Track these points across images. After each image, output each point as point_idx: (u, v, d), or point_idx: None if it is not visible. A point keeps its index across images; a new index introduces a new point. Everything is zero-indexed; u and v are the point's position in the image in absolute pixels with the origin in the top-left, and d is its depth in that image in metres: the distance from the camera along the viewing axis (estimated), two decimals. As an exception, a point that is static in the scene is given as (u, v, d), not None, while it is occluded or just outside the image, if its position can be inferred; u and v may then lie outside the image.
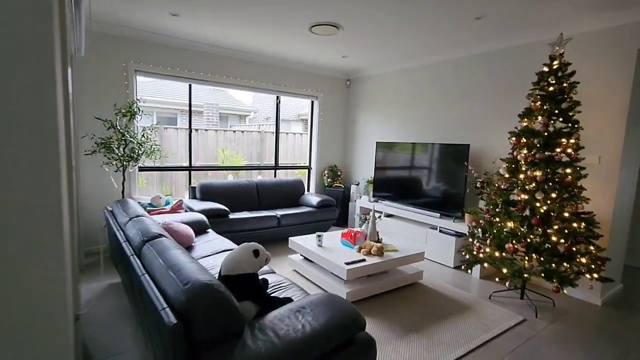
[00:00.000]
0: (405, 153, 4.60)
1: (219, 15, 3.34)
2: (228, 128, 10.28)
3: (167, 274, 1.48)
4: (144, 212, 2.62)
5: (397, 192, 4.65)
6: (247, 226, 4.09)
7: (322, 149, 5.75)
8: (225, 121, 12.24)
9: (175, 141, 8.30)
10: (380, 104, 5.28)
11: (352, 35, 3.74)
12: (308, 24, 3.42)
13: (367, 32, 3.61)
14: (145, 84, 10.98)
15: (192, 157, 4.80)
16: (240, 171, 8.74)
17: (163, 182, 8.02)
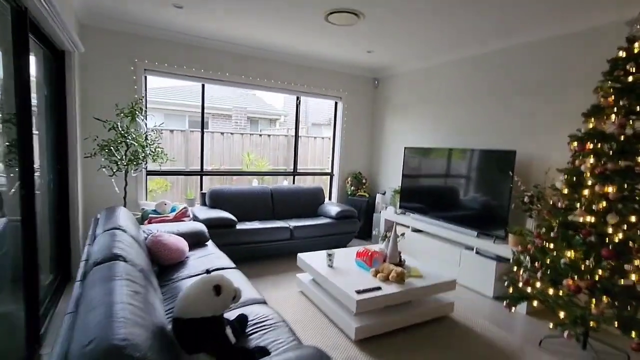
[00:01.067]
0: (437, 160, 4.01)
1: (224, 7, 3.02)
2: (255, 132, 10.09)
3: (83, 318, 1.11)
4: (128, 223, 2.32)
5: (427, 204, 4.07)
6: (256, 238, 3.72)
7: (345, 154, 5.28)
8: (256, 125, 12.16)
9: (199, 144, 8.25)
10: (409, 105, 4.73)
11: (374, 25, 3.26)
12: (324, 11, 3.00)
13: (392, 21, 3.12)
14: (177, 89, 11.19)
15: (204, 160, 4.54)
16: (266, 176, 8.52)
17: (188, 185, 7.97)
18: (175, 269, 2.51)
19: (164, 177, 7.60)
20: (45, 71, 2.86)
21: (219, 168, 8.40)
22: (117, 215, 2.40)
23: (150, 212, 3.63)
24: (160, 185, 7.56)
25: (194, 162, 8.16)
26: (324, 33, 3.56)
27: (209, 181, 8.00)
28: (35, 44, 2.56)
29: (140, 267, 1.71)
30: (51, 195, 2.99)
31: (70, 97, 2.99)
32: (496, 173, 3.32)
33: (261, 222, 3.95)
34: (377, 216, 4.83)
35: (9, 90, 1.91)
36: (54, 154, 2.96)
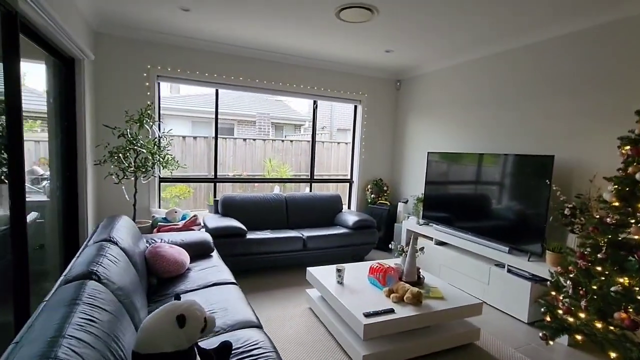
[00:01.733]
0: (464, 165, 3.66)
1: (229, 9, 2.90)
2: (277, 138, 10.04)
3: (18, 354, 0.95)
4: (123, 234, 2.21)
5: (453, 213, 3.71)
6: (266, 248, 3.54)
7: (365, 160, 5.02)
8: (281, 131, 12.14)
9: (223, 151, 8.28)
10: (434, 107, 4.40)
11: (390, 22, 3.02)
12: (334, 7, 2.80)
13: (409, 17, 2.86)
14: (204, 96, 11.41)
15: (226, 167, 4.40)
16: (288, 183, 8.40)
17: (210, 192, 7.99)
18: (173, 282, 2.37)
19: (187, 184, 7.70)
20: (55, 78, 2.87)
21: (241, 174, 8.40)
22: (114, 226, 2.30)
23: (160, 220, 3.56)
24: (183, 192, 7.64)
25: (218, 168, 8.21)
26: (336, 32, 3.35)
27: (230, 188, 8.01)
28: (43, 52, 2.56)
29: (117, 285, 1.56)
30: (59, 202, 2.98)
31: (79, 104, 2.98)
32: (531, 181, 2.94)
33: (273, 232, 3.77)
34: (398, 226, 4.51)
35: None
36: (63, 161, 2.95)
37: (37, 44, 2.42)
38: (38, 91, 2.94)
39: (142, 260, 2.34)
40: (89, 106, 3.22)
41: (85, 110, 3.03)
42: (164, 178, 4.03)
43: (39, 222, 2.98)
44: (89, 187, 3.19)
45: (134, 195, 3.37)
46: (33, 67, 2.82)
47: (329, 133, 10.50)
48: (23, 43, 2.30)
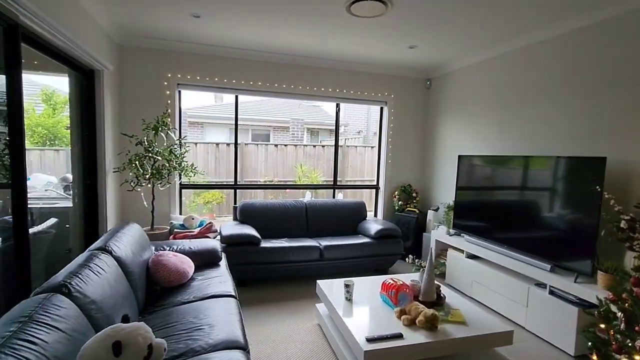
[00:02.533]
0: (499, 170, 3.26)
1: (238, 12, 2.84)
2: (309, 143, 9.96)
3: None
4: (122, 243, 2.19)
5: (487, 223, 3.31)
6: (280, 257, 3.40)
7: (393, 164, 4.72)
8: (316, 136, 12.10)
9: (254, 157, 8.37)
10: (467, 106, 4.01)
11: (408, 15, 2.76)
12: (344, 1, 2.62)
13: (427, 8, 2.59)
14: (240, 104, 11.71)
15: (237, 173, 4.37)
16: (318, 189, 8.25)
17: (242, 198, 8.09)
18: (173, 293, 2.31)
19: (220, 190, 7.86)
20: (76, 89, 2.99)
21: (273, 180, 8.41)
22: (117, 233, 2.29)
23: (177, 226, 3.58)
24: (216, 197, 7.82)
25: (249, 174, 8.31)
26: (353, 29, 3.16)
27: (262, 194, 8.04)
28: (60, 65, 2.66)
29: (91, 299, 1.50)
30: (80, 209, 3.09)
31: (99, 114, 3.08)
32: (579, 187, 2.51)
33: (289, 240, 3.63)
34: (427, 236, 4.15)
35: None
36: (83, 169, 3.06)
37: (54, 58, 2.53)
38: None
39: (143, 269, 2.31)
40: (111, 115, 3.33)
41: (105, 120, 3.12)
42: (185, 184, 4.07)
43: (65, 227, 3.12)
44: (110, 194, 3.29)
45: (151, 202, 3.41)
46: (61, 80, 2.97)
47: (362, 137, 10.22)
48: (42, 58, 2.43)
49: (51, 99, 5.01)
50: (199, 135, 10.62)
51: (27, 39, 2.13)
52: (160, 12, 2.93)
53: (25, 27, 1.98)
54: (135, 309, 1.96)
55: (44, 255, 2.75)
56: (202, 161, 7.79)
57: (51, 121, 4.77)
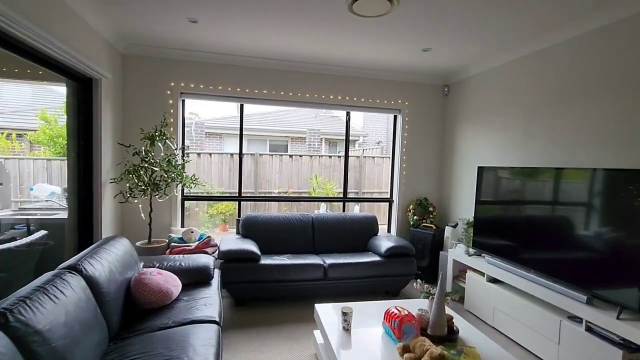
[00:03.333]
0: (524, 182, 2.90)
1: (236, 16, 2.70)
2: (324, 154, 9.75)
3: None
4: (99, 261, 2.03)
5: (510, 242, 2.93)
6: (281, 276, 3.16)
7: (407, 176, 4.41)
8: (335, 147, 11.92)
9: (269, 168, 8.24)
10: (488, 113, 3.66)
11: (417, 12, 2.52)
12: (345, 0, 2.41)
13: (439, 5, 2.34)
14: (259, 115, 11.74)
15: (242, 185, 4.19)
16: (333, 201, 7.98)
17: (257, 209, 7.96)
18: (153, 316, 2.12)
19: (253, 201, 7.76)
20: (73, 98, 2.93)
21: (287, 192, 8.23)
22: (97, 249, 2.15)
23: (176, 240, 3.43)
24: (229, 208, 7.71)
25: (264, 184, 8.18)
26: (357, 31, 2.94)
27: (276, 207, 7.87)
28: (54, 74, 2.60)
29: (36, 329, 1.31)
30: (74, 221, 2.99)
31: (96, 123, 3.00)
32: (620, 202, 2.13)
33: (292, 257, 3.39)
34: (444, 255, 3.79)
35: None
36: (78, 180, 2.97)
37: (47, 67, 2.47)
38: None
39: (123, 289, 2.13)
40: (111, 125, 3.26)
41: (102, 129, 3.04)
42: (187, 196, 3.94)
43: (59, 240, 3.03)
44: (108, 206, 3.19)
45: (149, 214, 3.29)
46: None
47: (380, 148, 9.90)
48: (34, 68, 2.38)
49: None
50: (217, 146, 10.68)
51: (13, 47, 2.07)
52: (157, 18, 2.84)
53: (10, 34, 1.91)
54: (104, 335, 1.78)
55: (32, 270, 2.65)
56: (217, 172, 7.74)
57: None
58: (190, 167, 7.52)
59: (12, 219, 3.12)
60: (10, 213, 3.37)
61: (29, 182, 4.18)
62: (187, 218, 7.57)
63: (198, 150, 8.88)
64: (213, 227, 7.49)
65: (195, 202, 7.58)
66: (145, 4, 2.60)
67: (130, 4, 2.62)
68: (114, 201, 3.31)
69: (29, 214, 3.41)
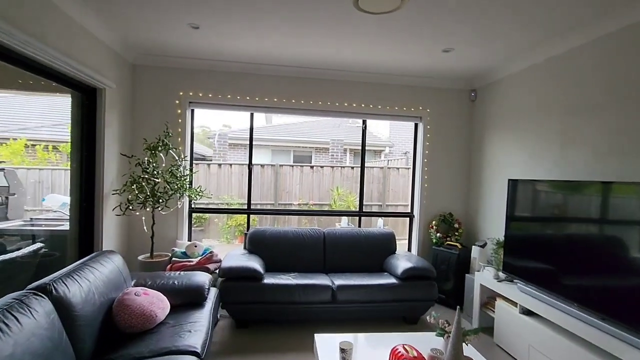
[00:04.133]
0: (564, 197, 2.47)
1: (239, 22, 2.55)
2: (346, 164, 9.46)
3: None
4: (76, 282, 1.89)
5: (547, 266, 2.50)
6: (284, 297, 2.90)
7: (430, 189, 4.04)
8: (359, 158, 11.60)
9: (289, 179, 8.08)
10: (519, 120, 3.26)
11: (432, 7, 2.23)
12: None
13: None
14: (284, 127, 11.69)
15: (251, 196, 4.00)
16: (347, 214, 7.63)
17: (276, 221, 7.79)
18: (132, 342, 1.93)
19: (260, 214, 7.62)
20: (77, 108, 2.89)
21: (308, 204, 8.01)
22: (81, 265, 2.02)
23: (179, 255, 3.28)
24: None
25: (284, 196, 8.01)
26: (367, 30, 2.69)
27: (295, 220, 7.64)
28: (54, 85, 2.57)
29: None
30: (75, 233, 2.92)
31: (99, 133, 2.94)
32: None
33: (299, 276, 3.12)
34: (470, 279, 3.36)
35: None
36: (81, 191, 2.91)
37: (48, 78, 2.44)
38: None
39: (103, 311, 1.97)
40: (117, 135, 3.21)
41: (106, 139, 2.97)
42: (195, 208, 3.82)
43: (60, 252, 2.97)
44: (111, 218, 3.10)
45: (151, 227, 3.17)
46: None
47: (407, 158, 9.47)
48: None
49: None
50: (242, 157, 10.72)
51: (13, 60, 2.05)
52: (158, 25, 2.75)
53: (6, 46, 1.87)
54: (68, 367, 1.60)
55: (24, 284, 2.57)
56: (237, 183, 7.68)
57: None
58: (210, 179, 7.54)
59: (16, 230, 3.11)
60: (21, 223, 3.39)
61: (59, 191, 4.25)
62: (206, 229, 7.59)
63: (219, 161, 8.89)
64: (232, 239, 7.40)
65: (214, 215, 7.57)
66: (144, 10, 2.52)
67: (128, 11, 2.54)
68: (117, 212, 3.22)
69: (38, 224, 3.42)
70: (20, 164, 7.29)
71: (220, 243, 7.43)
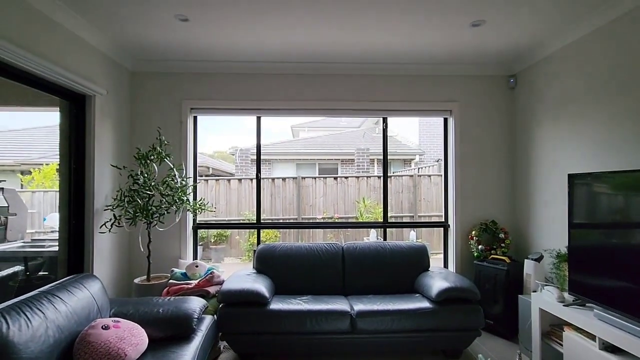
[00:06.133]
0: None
1: (233, 13, 2.23)
2: (371, 174, 8.91)
3: None
4: (18, 313, 1.56)
5: (636, 287, 1.85)
6: (292, 326, 2.43)
7: (466, 193, 3.45)
8: (388, 167, 11.05)
9: (312, 192, 7.66)
10: (576, 104, 2.64)
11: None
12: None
13: None
14: (309, 140, 11.42)
15: (260, 210, 3.59)
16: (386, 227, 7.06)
17: (300, 237, 7.36)
18: (92, 390, 1.54)
19: (275, 229, 7.24)
20: (65, 118, 2.67)
21: (333, 217, 7.52)
22: (33, 297, 1.68)
23: (178, 276, 2.93)
24: (270, 236, 7.22)
25: (307, 210, 7.58)
26: (379, 7, 2.26)
27: (321, 235, 7.16)
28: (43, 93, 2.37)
29: None
30: (64, 254, 2.65)
31: (89, 142, 2.70)
32: None
33: (312, 300, 2.64)
34: (525, 301, 2.70)
35: None
36: (69, 207, 2.65)
37: (32, 86, 2.25)
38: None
39: (57, 350, 1.61)
40: (111, 145, 2.97)
41: (95, 149, 2.72)
42: (200, 224, 3.48)
43: (41, 275, 2.72)
44: (105, 236, 2.81)
45: (147, 246, 2.85)
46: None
47: (439, 165, 8.77)
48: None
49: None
50: (266, 172, 10.51)
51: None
52: (146, 20, 2.50)
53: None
54: None
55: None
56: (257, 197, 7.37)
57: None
58: (231, 194, 7.30)
59: (10, 252, 2.91)
60: (20, 245, 3.21)
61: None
62: (228, 247, 7.29)
63: (239, 176, 8.67)
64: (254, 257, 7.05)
65: (237, 231, 7.28)
66: (128, 5, 2.27)
67: (112, 7, 2.30)
68: (113, 230, 2.94)
69: (39, 246, 3.22)
70: (51, 187, 7.48)
71: (243, 262, 7.10)
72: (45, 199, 6.35)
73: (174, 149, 3.20)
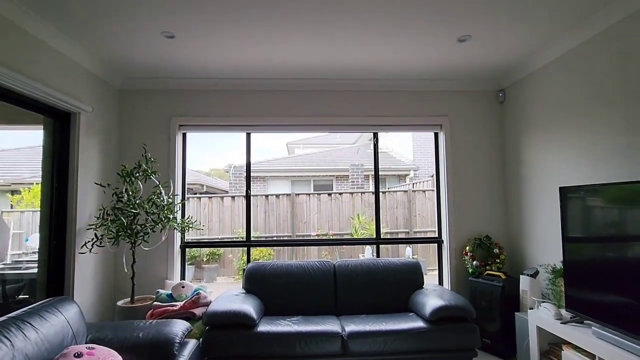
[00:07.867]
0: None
1: (216, 29, 2.24)
2: (366, 190, 8.87)
3: None
4: None
5: (636, 302, 1.78)
6: (281, 350, 2.32)
7: (459, 208, 3.40)
8: (383, 183, 11.05)
9: (306, 208, 7.59)
10: (567, 114, 2.64)
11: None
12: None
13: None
14: (303, 157, 11.42)
15: (250, 227, 3.51)
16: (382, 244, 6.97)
17: (294, 254, 7.23)
18: None
19: (268, 247, 7.11)
20: (49, 136, 2.63)
21: (327, 234, 7.42)
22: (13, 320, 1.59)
23: (164, 297, 2.82)
24: (264, 254, 7.08)
25: (301, 227, 7.48)
26: (364, 24, 2.28)
27: (315, 251, 7.04)
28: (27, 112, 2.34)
29: None
30: (44, 276, 2.55)
31: (72, 160, 2.64)
32: None
33: (302, 321, 2.54)
34: (522, 319, 2.61)
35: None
36: (50, 227, 2.57)
37: (11, 103, 2.21)
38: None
39: (25, 379, 1.51)
40: (97, 164, 2.91)
41: (79, 167, 2.66)
42: (188, 242, 3.39)
43: (21, 298, 2.61)
44: (87, 257, 2.71)
45: (131, 266, 2.75)
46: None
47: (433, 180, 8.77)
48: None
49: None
50: (261, 189, 10.44)
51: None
52: (132, 37, 2.49)
53: None
54: None
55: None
56: (253, 214, 7.27)
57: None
58: (223, 211, 7.20)
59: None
60: (0, 267, 3.10)
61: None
62: (220, 266, 7.13)
63: (232, 194, 8.59)
64: (248, 276, 6.88)
65: (229, 249, 7.13)
66: (112, 23, 2.27)
67: (97, 25, 2.30)
68: (95, 250, 2.84)
69: (18, 267, 3.11)
70: (40, 206, 7.37)
71: (236, 281, 6.93)
72: (34, 219, 6.22)
73: (162, 166, 3.15)
